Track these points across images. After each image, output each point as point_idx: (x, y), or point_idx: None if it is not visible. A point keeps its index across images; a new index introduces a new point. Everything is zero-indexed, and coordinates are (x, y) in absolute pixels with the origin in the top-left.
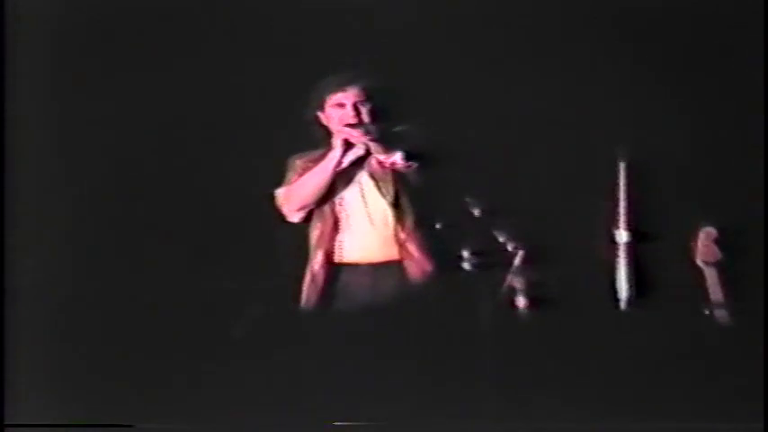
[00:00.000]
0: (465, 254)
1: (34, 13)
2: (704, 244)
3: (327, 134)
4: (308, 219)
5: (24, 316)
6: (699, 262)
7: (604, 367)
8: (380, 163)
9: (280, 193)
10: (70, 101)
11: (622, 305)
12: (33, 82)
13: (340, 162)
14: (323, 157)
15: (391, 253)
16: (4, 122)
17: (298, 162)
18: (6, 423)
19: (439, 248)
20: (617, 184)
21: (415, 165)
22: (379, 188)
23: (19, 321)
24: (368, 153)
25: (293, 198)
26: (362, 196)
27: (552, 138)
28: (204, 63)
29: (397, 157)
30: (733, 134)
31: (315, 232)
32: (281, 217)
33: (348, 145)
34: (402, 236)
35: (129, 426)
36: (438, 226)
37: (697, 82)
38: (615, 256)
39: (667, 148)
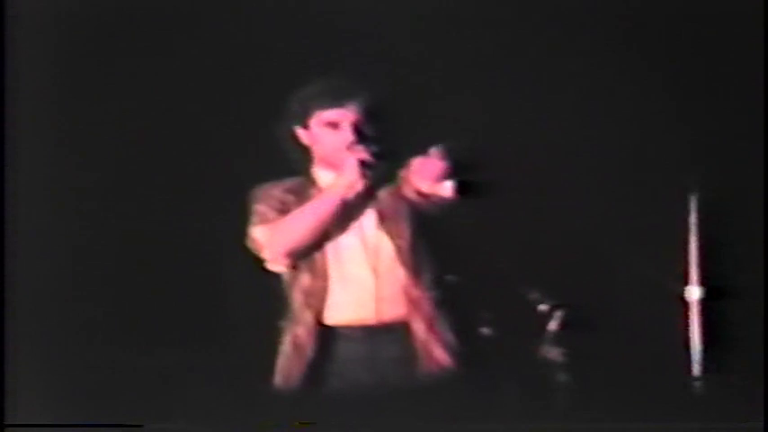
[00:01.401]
0: (486, 315)
1: (34, 12)
2: None
3: (306, 157)
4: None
5: (24, 316)
6: None
7: None
8: (420, 194)
9: (260, 232)
10: (70, 100)
11: (695, 380)
12: (33, 82)
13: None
14: (305, 185)
15: (396, 312)
16: (4, 122)
17: (274, 192)
18: (6, 423)
19: (454, 307)
20: (687, 226)
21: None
22: (387, 229)
23: (19, 321)
24: (374, 185)
25: (282, 239)
26: (363, 239)
27: (602, 166)
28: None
29: (446, 189)
30: None
31: (301, 286)
32: (252, 264)
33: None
34: (415, 292)
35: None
36: (449, 278)
37: None
38: (686, 317)
39: (751, 179)
